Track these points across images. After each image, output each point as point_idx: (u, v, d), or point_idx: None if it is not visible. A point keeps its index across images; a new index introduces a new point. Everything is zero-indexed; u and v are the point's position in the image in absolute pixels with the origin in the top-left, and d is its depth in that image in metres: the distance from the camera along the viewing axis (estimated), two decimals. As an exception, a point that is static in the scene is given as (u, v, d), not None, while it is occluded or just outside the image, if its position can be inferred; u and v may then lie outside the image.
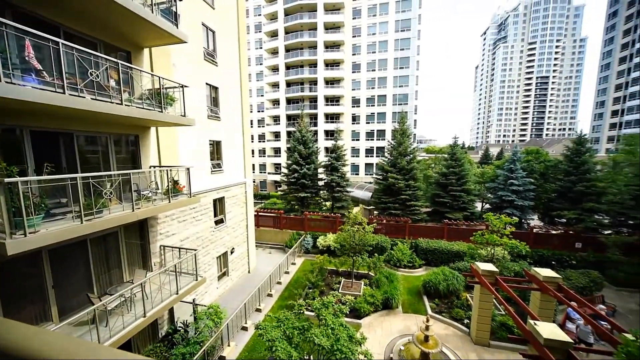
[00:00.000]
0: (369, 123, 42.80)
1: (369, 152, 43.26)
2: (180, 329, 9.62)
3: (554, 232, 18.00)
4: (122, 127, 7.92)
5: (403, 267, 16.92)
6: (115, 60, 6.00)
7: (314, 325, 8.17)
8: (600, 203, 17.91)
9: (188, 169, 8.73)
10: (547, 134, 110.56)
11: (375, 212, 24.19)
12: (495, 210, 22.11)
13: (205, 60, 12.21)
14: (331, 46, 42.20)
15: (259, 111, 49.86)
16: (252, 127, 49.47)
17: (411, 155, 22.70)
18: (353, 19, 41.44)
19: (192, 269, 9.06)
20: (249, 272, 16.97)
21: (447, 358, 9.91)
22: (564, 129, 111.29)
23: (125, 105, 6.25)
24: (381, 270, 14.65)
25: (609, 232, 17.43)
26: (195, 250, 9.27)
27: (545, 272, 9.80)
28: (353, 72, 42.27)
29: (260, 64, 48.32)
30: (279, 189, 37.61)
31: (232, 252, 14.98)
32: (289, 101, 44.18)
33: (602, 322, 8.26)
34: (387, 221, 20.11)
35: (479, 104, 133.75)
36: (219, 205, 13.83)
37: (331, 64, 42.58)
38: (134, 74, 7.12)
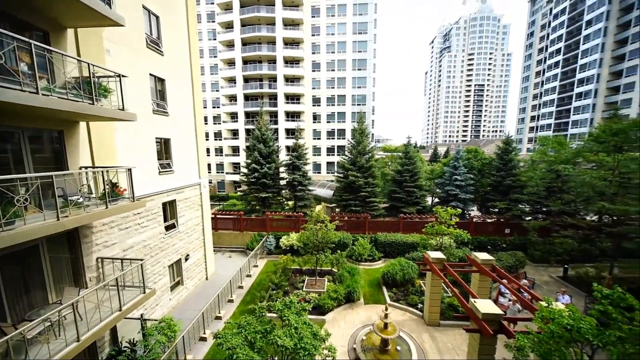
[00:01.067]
0: (329, 122, 43.56)
1: (330, 150, 44.07)
2: (125, 349, 8.57)
3: (489, 220, 20.64)
4: (40, 121, 6.68)
5: (364, 261, 17.65)
6: (25, 39, 4.99)
7: (277, 326, 8.02)
8: (522, 194, 21.08)
9: (130, 169, 7.77)
10: (483, 135, 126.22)
11: (337, 209, 24.77)
12: (443, 204, 24.47)
13: (148, 49, 11.00)
14: (290, 43, 41.77)
15: (214, 107, 46.95)
16: (207, 124, 46.43)
17: (369, 154, 23.77)
18: (312, 17, 41.60)
19: (139, 281, 8.14)
20: (207, 278, 15.94)
21: (404, 341, 10.66)
22: (496, 131, 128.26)
23: (43, 94, 5.27)
24: (344, 266, 15.07)
25: (529, 218, 20.63)
26: (141, 260, 8.33)
27: (483, 256, 11.18)
28: (313, 70, 42.51)
29: (215, 57, 45.49)
30: (238, 189, 36.04)
31: (186, 259, 13.88)
32: (247, 98, 42.53)
33: (525, 294, 9.74)
34: (348, 218, 20.76)
35: (429, 107, 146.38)
36: (169, 209, 12.67)
37: (291, 62, 42.20)
38: (53, 57, 6.03)
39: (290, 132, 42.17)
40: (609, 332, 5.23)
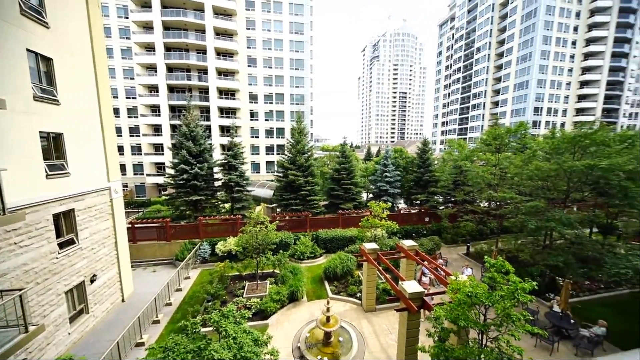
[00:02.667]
0: (268, 120, 42.48)
1: (269, 149, 43.05)
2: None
3: (413, 211, 23.65)
4: None
5: (306, 259, 17.86)
6: None
7: (213, 340, 7.33)
8: (437, 187, 24.93)
9: (-5, 172, 5.86)
10: (407, 137, 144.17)
11: (277, 209, 24.36)
12: (376, 198, 26.85)
13: (23, 16, 8.51)
14: (223, 34, 38.94)
15: (128, 97, 39.98)
16: (118, 117, 39.31)
17: (309, 153, 24.15)
18: (246, 9, 39.69)
19: (18, 317, 6.23)
20: (123, 300, 13.46)
21: (345, 331, 11.22)
22: (417, 133, 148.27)
23: None
24: (286, 266, 14.92)
25: (442, 207, 24.55)
26: (21, 290, 6.40)
27: (408, 243, 12.69)
28: (249, 66, 40.66)
29: (128, 38, 38.76)
30: (163, 193, 31.68)
31: (93, 281, 11.41)
32: (172, 89, 37.70)
33: (441, 272, 11.50)
34: (289, 217, 20.65)
35: (362, 110, 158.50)
36: (65, 221, 10.17)
37: (224, 54, 39.36)
38: None
39: (225, 130, 39.38)
40: (495, 293, 6.59)
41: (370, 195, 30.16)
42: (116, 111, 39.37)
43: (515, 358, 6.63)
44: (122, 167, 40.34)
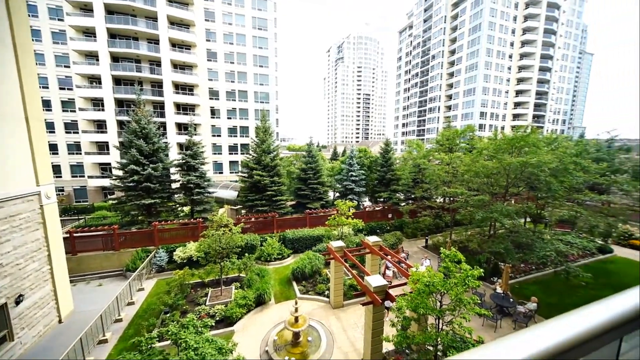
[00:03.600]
0: (230, 118, 40.63)
1: (232, 149, 41.23)
2: None
3: (377, 208, 24.71)
4: None
5: (274, 260, 17.52)
6: None
7: (171, 355, 6.78)
8: (398, 185, 26.40)
9: None
10: (371, 137, 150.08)
11: (242, 211, 23.48)
12: (342, 197, 27.45)
13: None
14: (178, 24, 36.18)
15: (62, 88, 34.90)
16: (50, 110, 34.18)
17: (275, 153, 23.71)
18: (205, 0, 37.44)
19: None
20: (60, 321, 11.73)
21: (314, 329, 11.26)
22: (380, 134, 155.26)
23: None
24: (252, 269, 14.46)
25: (404, 204, 26.08)
26: None
27: (373, 239, 13.20)
28: (209, 60, 38.40)
29: (61, 20, 33.81)
30: (109, 197, 28.31)
31: (18, 302, 9.72)
32: (118, 81, 33.87)
33: (403, 265, 12.19)
34: (255, 219, 20.05)
35: (328, 110, 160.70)
36: (-23, 233, 8.48)
37: (180, 46, 36.57)
38: None
39: (183, 128, 36.70)
40: (449, 281, 7.20)
41: (337, 194, 30.75)
42: (47, 103, 34.08)
43: (466, 337, 7.32)
44: (57, 169, 35.08)
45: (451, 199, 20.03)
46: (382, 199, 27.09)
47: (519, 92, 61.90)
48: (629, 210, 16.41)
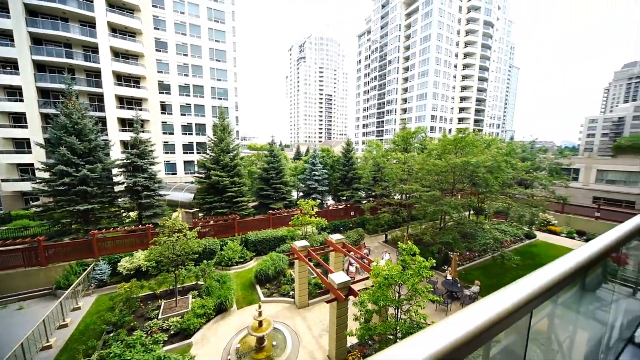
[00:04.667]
0: (185, 115, 37.65)
1: (187, 148, 38.29)
2: None
3: (340, 207, 25.27)
4: None
5: (235, 265, 16.75)
6: None
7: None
8: (360, 184, 27.39)
9: None
10: (334, 137, 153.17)
11: (200, 214, 21.96)
12: (306, 197, 27.47)
13: None
14: (119, 7, 32.25)
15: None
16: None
17: (234, 152, 22.63)
18: (151, -18, 34.01)
19: None
20: (-39, 359, 9.50)
21: (279, 331, 11.03)
22: (342, 134, 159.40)
23: None
24: (212, 276, 13.60)
25: (365, 201, 27.16)
26: None
27: (336, 237, 13.45)
28: (158, 50, 35.01)
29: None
30: (32, 204, 23.91)
31: None
32: (42, 67, 28.87)
33: (365, 260, 12.65)
34: (214, 222, 18.90)
35: (290, 109, 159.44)
36: None
37: (123, 32, 32.64)
38: None
39: (128, 124, 32.87)
40: (406, 272, 7.67)
41: (301, 194, 30.67)
42: (-61, 90, 27.41)
43: (421, 323, 7.88)
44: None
45: (407, 195, 21.48)
46: (344, 198, 27.84)
47: (462, 98, 69.16)
48: (547, 202, 19.54)
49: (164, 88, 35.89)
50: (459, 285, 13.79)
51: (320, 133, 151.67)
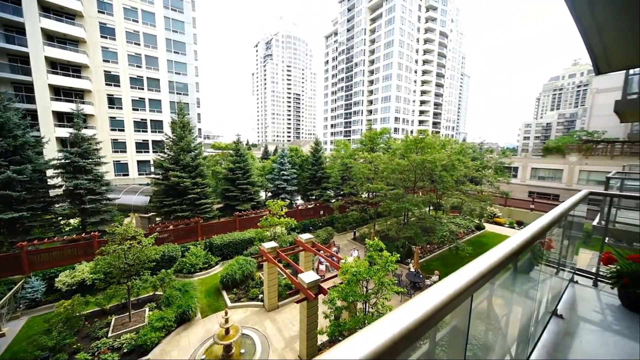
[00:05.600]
0: (138, 110, 34.38)
1: (142, 146, 35.05)
2: None
3: (310, 206, 25.31)
4: None
5: (199, 271, 15.78)
6: None
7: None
8: (329, 183, 27.74)
9: None
10: (303, 136, 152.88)
11: (157, 218, 20.26)
12: (275, 197, 26.98)
13: None
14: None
15: None
16: None
17: (197, 151, 21.29)
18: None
19: None
20: None
21: (248, 337, 10.65)
22: (311, 134, 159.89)
23: None
24: (172, 284, 12.62)
25: (334, 200, 27.57)
26: None
27: (306, 236, 13.43)
28: (103, 36, 31.40)
29: None
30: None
31: None
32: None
33: (334, 258, 12.85)
34: (174, 226, 17.58)
35: (258, 107, 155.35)
36: None
37: (57, 12, 28.55)
38: None
39: (67, 118, 29.00)
40: (372, 268, 7.96)
41: (269, 194, 30.05)
42: None
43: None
44: None
45: (374, 193, 22.33)
46: (314, 197, 27.95)
47: (422, 102, 74.14)
48: (493, 196, 21.86)
49: (112, 79, 32.33)
50: (421, 276, 14.73)
51: (289, 132, 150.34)
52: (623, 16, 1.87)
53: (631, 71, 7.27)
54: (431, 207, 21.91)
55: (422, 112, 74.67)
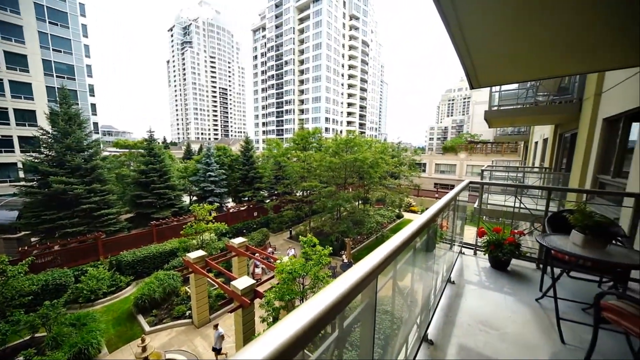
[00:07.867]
0: (-6, 95, 25.59)
1: (3, 145, 26.31)
2: None
3: (242, 208, 23.97)
4: None
5: (103, 297, 12.95)
6: None
7: None
8: (262, 183, 26.90)
9: None
10: (232, 135, 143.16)
11: (33, 239, 15.58)
12: (201, 201, 24.46)
13: None
14: None
15: None
16: None
17: (92, 150, 17.25)
18: None
19: None
20: None
21: (172, 363, 9.36)
22: (241, 132, 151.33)
23: None
24: (61, 320, 9.93)
25: (268, 200, 26.93)
26: None
27: (238, 240, 12.66)
28: None
29: None
30: None
31: None
32: None
33: (270, 259, 12.55)
34: (61, 246, 13.86)
35: (176, 101, 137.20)
36: None
37: None
38: None
39: None
40: (308, 263, 8.15)
41: (195, 198, 27.07)
42: None
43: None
44: None
45: (308, 191, 22.85)
46: (246, 198, 26.64)
47: (349, 104, 79.96)
48: (409, 189, 25.50)
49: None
50: (353, 266, 15.94)
51: (216, 130, 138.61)
52: (487, 44, 2.41)
53: (494, 89, 9.63)
54: (360, 202, 23.94)
55: (349, 114, 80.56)
